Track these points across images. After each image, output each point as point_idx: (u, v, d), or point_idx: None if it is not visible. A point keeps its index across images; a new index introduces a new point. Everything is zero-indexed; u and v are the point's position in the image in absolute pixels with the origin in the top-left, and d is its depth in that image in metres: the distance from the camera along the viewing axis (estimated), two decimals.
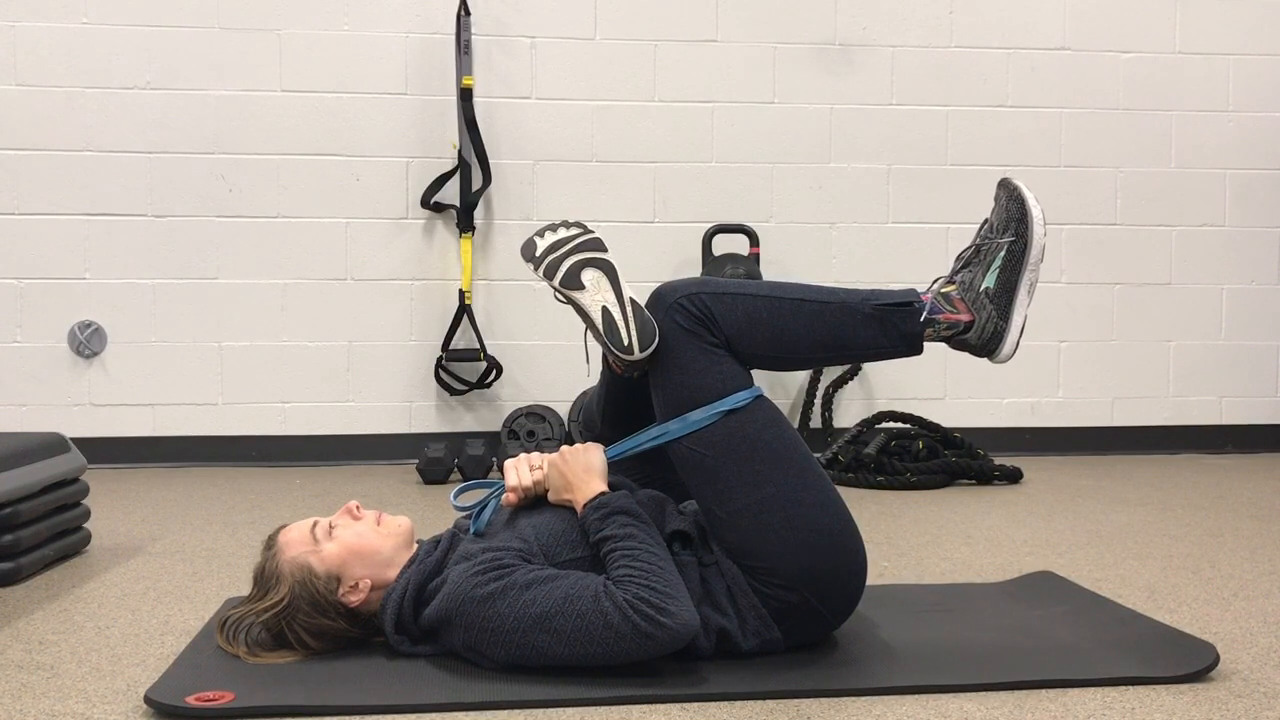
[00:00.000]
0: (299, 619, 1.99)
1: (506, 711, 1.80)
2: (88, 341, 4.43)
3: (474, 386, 4.53)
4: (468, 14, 4.47)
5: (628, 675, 1.88)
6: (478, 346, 4.51)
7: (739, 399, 2.02)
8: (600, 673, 1.88)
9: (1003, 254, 2.08)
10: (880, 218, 4.75)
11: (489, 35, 4.56)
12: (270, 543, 2.05)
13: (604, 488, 2.02)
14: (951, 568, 2.82)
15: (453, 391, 4.53)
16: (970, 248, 2.13)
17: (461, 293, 4.51)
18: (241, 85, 4.47)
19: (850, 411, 4.70)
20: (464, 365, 4.56)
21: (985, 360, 2.11)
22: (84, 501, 2.99)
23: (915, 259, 4.76)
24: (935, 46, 4.76)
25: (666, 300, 2.07)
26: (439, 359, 4.52)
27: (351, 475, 4.30)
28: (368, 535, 2.04)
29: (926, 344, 2.10)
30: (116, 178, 4.43)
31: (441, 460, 4.12)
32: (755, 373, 2.12)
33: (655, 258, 4.63)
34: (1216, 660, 1.97)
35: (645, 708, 1.81)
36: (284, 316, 4.53)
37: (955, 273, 2.12)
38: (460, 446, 4.25)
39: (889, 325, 2.07)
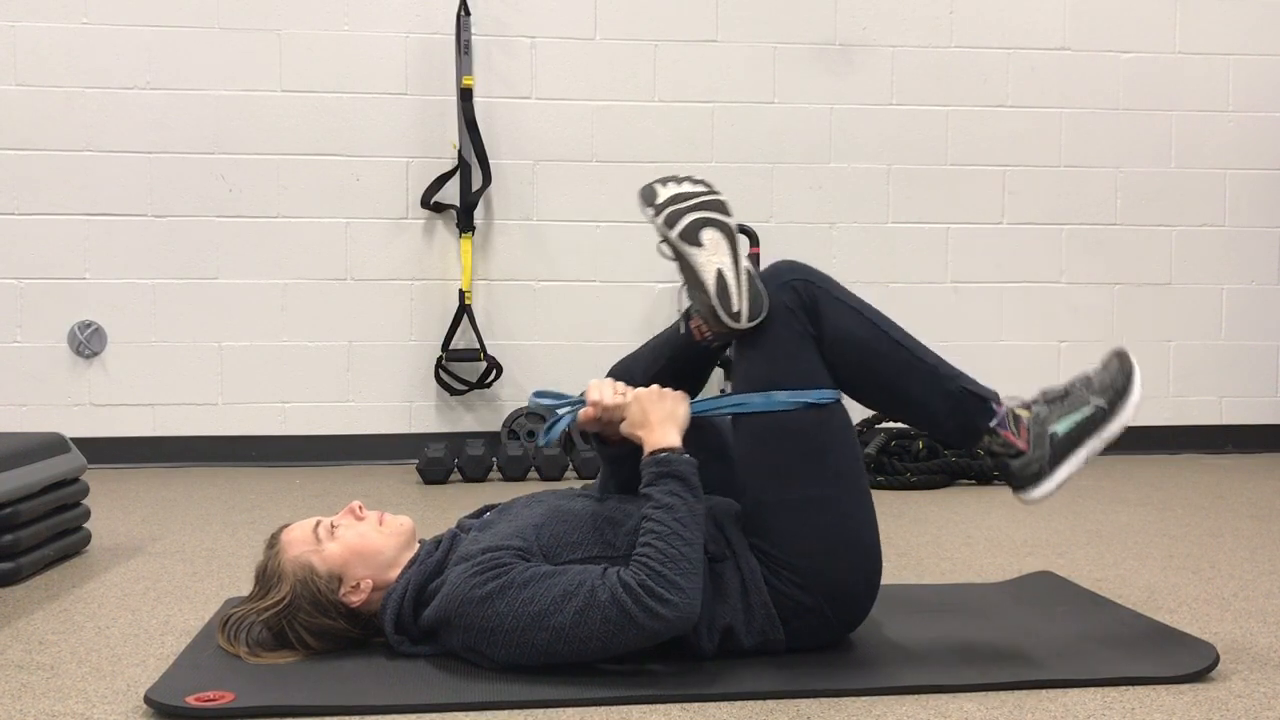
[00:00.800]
0: (300, 618, 1.99)
1: (506, 711, 1.80)
2: (88, 341, 4.43)
3: (474, 386, 4.53)
4: (468, 14, 4.47)
5: (628, 675, 1.88)
6: (478, 346, 4.51)
7: (824, 395, 2.02)
8: (600, 673, 1.88)
9: (1087, 411, 2.06)
10: (880, 218, 4.75)
11: (489, 35, 4.56)
12: (273, 541, 2.05)
13: (678, 442, 1.98)
14: (951, 568, 2.82)
15: (453, 391, 4.53)
16: (1060, 389, 2.11)
17: (461, 293, 4.51)
18: (241, 85, 4.47)
19: (850, 411, 4.69)
20: (464, 365, 4.56)
21: (1013, 490, 2.10)
22: (84, 501, 2.99)
23: (915, 259, 4.76)
24: (935, 46, 4.76)
25: (781, 276, 2.06)
26: (439, 359, 4.52)
27: (351, 475, 4.30)
28: (370, 536, 2.04)
29: (976, 448, 2.10)
30: (116, 178, 4.43)
31: (441, 460, 4.12)
32: None
33: (655, 258, 4.61)
34: (1216, 660, 1.98)
35: (645, 708, 1.80)
36: (284, 316, 4.53)
37: (1034, 402, 2.11)
38: (460, 446, 4.25)
39: (960, 410, 2.06)
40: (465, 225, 4.50)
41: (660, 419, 2.00)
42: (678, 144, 4.65)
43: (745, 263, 2.04)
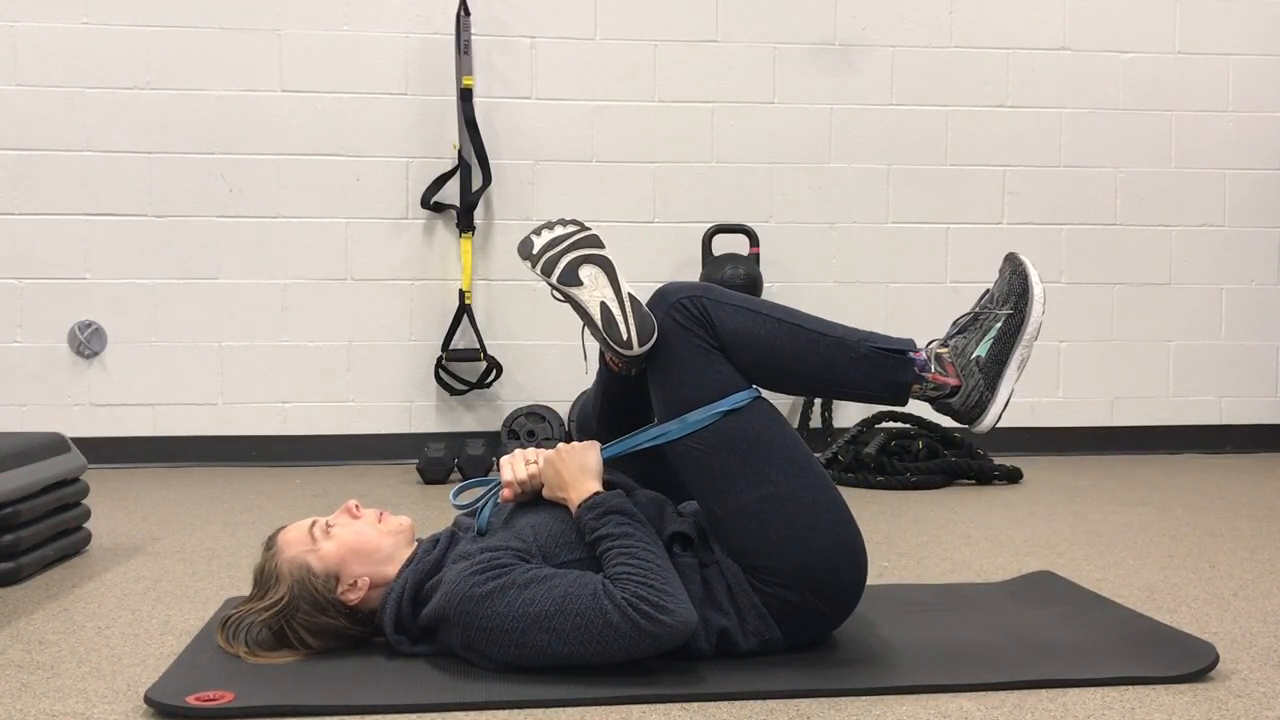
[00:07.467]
0: (299, 618, 1.99)
1: (506, 711, 1.80)
2: (88, 341, 4.43)
3: (474, 386, 4.53)
4: (468, 14, 4.48)
5: (628, 675, 1.88)
6: (478, 346, 4.51)
7: (738, 399, 2.02)
8: (600, 673, 1.88)
9: (999, 325, 2.07)
10: (880, 218, 4.75)
11: (489, 35, 4.56)
12: (270, 543, 2.06)
13: (598, 487, 2.01)
14: (951, 568, 2.82)
15: (453, 391, 4.53)
16: (968, 315, 2.12)
17: (461, 293, 4.51)
18: (241, 85, 4.47)
19: (850, 411, 4.70)
20: (464, 365, 4.56)
21: (966, 427, 2.09)
22: (84, 501, 2.99)
23: (915, 259, 4.76)
24: (935, 46, 4.76)
25: (669, 299, 2.08)
26: (439, 359, 4.52)
27: (351, 475, 4.30)
28: (366, 533, 2.04)
29: (912, 399, 2.09)
30: (116, 178, 4.43)
31: (441, 460, 4.12)
32: None
33: (655, 258, 4.63)
34: (1216, 660, 1.98)
35: (645, 708, 1.81)
36: (284, 316, 4.53)
37: (950, 336, 2.11)
38: (460, 446, 4.25)
39: (878, 370, 2.06)
40: (465, 225, 4.50)
41: (573, 475, 2.02)
42: (678, 144, 4.65)
43: (628, 290, 2.07)
